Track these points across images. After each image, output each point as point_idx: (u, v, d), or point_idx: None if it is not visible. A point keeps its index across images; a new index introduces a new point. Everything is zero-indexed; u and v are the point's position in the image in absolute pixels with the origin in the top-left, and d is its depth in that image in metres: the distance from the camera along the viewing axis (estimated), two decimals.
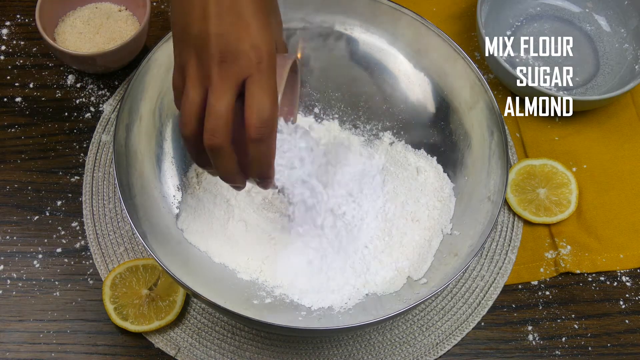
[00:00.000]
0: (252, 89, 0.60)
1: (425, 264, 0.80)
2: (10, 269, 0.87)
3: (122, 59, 0.96)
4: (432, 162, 0.86)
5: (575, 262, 0.89)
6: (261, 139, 0.61)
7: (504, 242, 0.91)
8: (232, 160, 0.63)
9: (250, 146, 0.61)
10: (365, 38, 0.89)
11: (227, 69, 0.59)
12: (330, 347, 0.84)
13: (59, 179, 0.92)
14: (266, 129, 0.61)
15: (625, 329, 0.87)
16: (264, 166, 0.64)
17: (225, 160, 0.63)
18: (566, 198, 0.92)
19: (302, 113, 0.91)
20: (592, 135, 0.97)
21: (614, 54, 1.01)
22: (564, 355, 0.85)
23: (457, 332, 0.85)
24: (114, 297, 0.83)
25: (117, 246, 0.88)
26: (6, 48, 1.01)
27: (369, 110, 0.90)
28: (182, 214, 0.82)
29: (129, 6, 0.99)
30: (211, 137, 0.60)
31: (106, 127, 0.95)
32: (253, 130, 0.60)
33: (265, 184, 0.67)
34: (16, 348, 0.83)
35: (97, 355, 0.83)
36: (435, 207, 0.83)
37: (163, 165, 0.83)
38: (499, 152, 0.79)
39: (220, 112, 0.60)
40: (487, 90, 0.81)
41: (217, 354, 0.83)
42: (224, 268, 0.80)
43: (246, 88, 0.60)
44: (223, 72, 0.59)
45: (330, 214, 0.82)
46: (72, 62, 0.94)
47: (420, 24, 0.84)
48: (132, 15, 0.99)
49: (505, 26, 1.03)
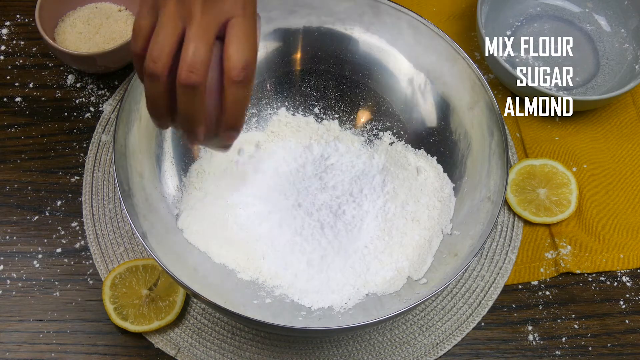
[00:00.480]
0: (236, 31, 0.58)
1: (425, 264, 0.80)
2: (10, 269, 0.87)
3: (122, 59, 0.96)
4: (432, 162, 0.86)
5: (576, 262, 0.89)
6: (242, 81, 0.59)
7: (504, 242, 0.91)
8: (202, 102, 0.60)
9: (229, 90, 0.59)
10: (365, 38, 0.89)
11: (211, 6, 0.58)
12: (330, 347, 0.84)
13: (59, 179, 0.92)
14: (248, 72, 0.59)
15: (626, 329, 0.87)
16: (238, 113, 0.61)
17: (196, 102, 0.60)
18: (566, 198, 0.92)
19: (302, 113, 0.91)
20: (592, 135, 0.97)
21: (614, 54, 1.01)
22: (564, 355, 0.85)
23: (457, 332, 0.85)
24: (114, 297, 0.83)
25: (117, 246, 0.88)
26: (6, 48, 1.01)
27: (369, 110, 0.90)
28: (182, 214, 0.82)
29: (129, 6, 0.99)
30: (189, 75, 0.58)
31: (106, 127, 0.95)
32: (235, 73, 0.58)
33: (230, 137, 0.64)
34: (16, 348, 0.83)
35: (97, 355, 0.83)
36: (435, 207, 0.83)
37: (163, 165, 0.83)
38: (499, 152, 0.79)
39: (201, 49, 0.57)
40: (487, 90, 0.80)
41: (217, 354, 0.83)
42: (223, 268, 0.80)
43: (228, 31, 0.58)
44: (207, 10, 0.57)
45: (330, 214, 0.82)
46: (72, 62, 0.94)
47: (420, 24, 0.84)
48: (132, 15, 0.99)
49: (505, 26, 1.03)
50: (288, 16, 0.88)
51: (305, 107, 0.91)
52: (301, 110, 0.91)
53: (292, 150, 0.88)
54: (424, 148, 0.87)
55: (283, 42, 0.89)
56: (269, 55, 0.89)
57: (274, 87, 0.90)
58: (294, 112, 0.91)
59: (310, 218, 0.82)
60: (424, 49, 0.86)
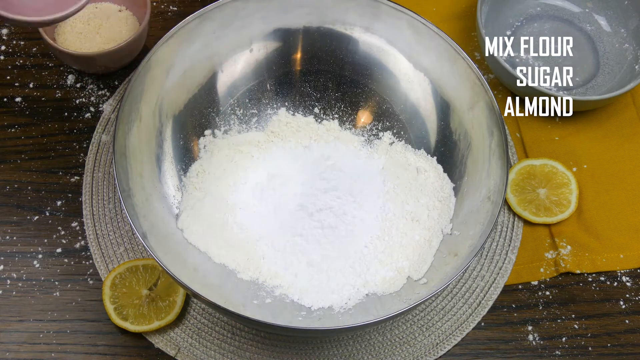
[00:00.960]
0: None
1: (425, 264, 0.80)
2: (10, 269, 0.87)
3: (122, 59, 0.96)
4: (432, 162, 0.86)
5: (576, 262, 0.89)
6: None
7: (504, 242, 0.91)
8: None
9: None
10: (365, 38, 0.89)
11: None
12: (330, 347, 0.84)
13: (59, 179, 0.92)
14: None
15: (626, 329, 0.87)
16: None
17: None
18: (566, 198, 0.92)
19: (302, 113, 0.91)
20: (592, 135, 0.97)
21: (614, 54, 1.01)
22: (564, 355, 0.85)
23: (457, 332, 0.85)
24: (114, 297, 0.83)
25: (117, 246, 0.88)
26: (6, 48, 1.01)
27: (369, 110, 0.90)
28: (182, 214, 0.82)
29: (129, 6, 0.99)
30: None
31: (106, 127, 0.95)
32: None
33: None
34: (16, 348, 0.83)
35: (97, 355, 0.83)
36: (435, 207, 0.83)
37: (163, 165, 0.83)
38: (499, 152, 0.79)
39: None
40: (487, 90, 0.80)
41: (217, 354, 0.83)
42: (223, 268, 0.80)
43: None
44: None
45: (331, 214, 0.82)
46: (72, 62, 0.95)
47: (420, 24, 0.84)
48: (132, 15, 0.99)
49: (505, 26, 1.03)
50: (288, 16, 0.88)
51: (305, 107, 0.91)
52: (301, 110, 0.91)
53: (292, 150, 0.88)
54: (424, 148, 0.87)
55: (283, 42, 0.89)
56: (269, 55, 0.89)
57: (274, 87, 0.90)
58: (294, 112, 0.91)
59: (310, 218, 0.82)
60: (424, 49, 0.86)
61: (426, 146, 0.87)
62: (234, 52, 0.88)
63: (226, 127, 0.89)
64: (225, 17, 0.85)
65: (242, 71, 0.89)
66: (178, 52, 0.83)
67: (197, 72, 0.86)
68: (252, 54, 0.89)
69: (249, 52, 0.89)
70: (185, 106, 0.86)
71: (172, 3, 1.04)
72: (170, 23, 0.97)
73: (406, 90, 0.89)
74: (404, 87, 0.89)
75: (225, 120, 0.89)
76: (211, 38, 0.86)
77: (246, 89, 0.90)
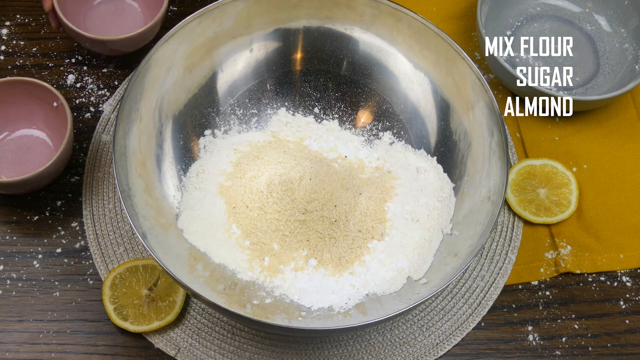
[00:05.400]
0: None
1: (425, 264, 0.80)
2: (10, 269, 0.87)
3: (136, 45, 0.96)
4: (432, 162, 0.86)
5: (576, 262, 0.89)
6: None
7: (504, 242, 0.91)
8: None
9: None
10: (365, 38, 0.89)
11: None
12: (330, 347, 0.84)
13: (59, 179, 0.92)
14: None
15: (626, 329, 0.87)
16: None
17: None
18: (566, 198, 0.92)
19: (302, 113, 0.91)
20: (592, 135, 0.97)
21: (614, 54, 1.01)
22: (564, 355, 0.85)
23: (457, 333, 0.85)
24: (114, 297, 0.83)
25: (117, 246, 0.88)
26: (6, 48, 1.01)
27: (369, 110, 0.90)
28: (182, 214, 0.82)
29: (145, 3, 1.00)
30: None
31: (106, 127, 0.95)
32: None
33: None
34: (16, 348, 0.83)
35: (97, 355, 0.83)
36: (435, 207, 0.83)
37: (163, 166, 0.83)
38: (499, 152, 0.79)
39: None
40: (487, 90, 0.80)
41: (217, 354, 0.83)
42: (224, 268, 0.80)
43: None
44: None
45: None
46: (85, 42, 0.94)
47: (420, 24, 0.84)
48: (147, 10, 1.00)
49: (505, 26, 1.03)
50: (288, 16, 0.88)
51: (305, 107, 0.91)
52: (301, 110, 0.91)
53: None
54: (424, 148, 0.87)
55: (283, 42, 0.89)
56: (269, 55, 0.89)
57: (274, 87, 0.90)
58: (294, 112, 0.91)
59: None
60: (424, 49, 0.86)
61: (426, 146, 0.87)
62: (234, 52, 0.88)
63: (226, 127, 0.89)
64: (225, 17, 0.85)
65: (242, 71, 0.89)
66: (178, 52, 0.83)
67: (197, 72, 0.86)
68: (252, 53, 0.89)
69: (249, 52, 0.89)
70: (185, 106, 0.86)
71: (172, 3, 1.04)
72: (170, 23, 0.96)
73: (406, 90, 0.89)
74: (404, 87, 0.89)
75: (225, 120, 0.89)
76: (211, 38, 0.86)
77: (246, 89, 0.90)
